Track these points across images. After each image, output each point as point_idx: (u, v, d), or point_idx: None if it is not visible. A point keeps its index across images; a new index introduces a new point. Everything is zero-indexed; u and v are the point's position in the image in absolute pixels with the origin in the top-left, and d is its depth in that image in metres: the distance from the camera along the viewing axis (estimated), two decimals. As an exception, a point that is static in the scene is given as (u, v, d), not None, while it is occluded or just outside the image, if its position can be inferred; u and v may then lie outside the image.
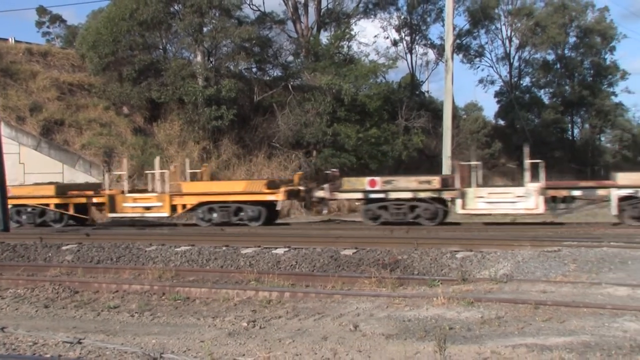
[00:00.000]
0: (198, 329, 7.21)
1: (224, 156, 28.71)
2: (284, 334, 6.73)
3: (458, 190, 17.43)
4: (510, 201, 17.29)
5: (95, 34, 28.38)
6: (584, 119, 60.62)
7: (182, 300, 9.03)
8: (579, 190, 17.20)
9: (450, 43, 25.80)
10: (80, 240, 14.83)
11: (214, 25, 28.80)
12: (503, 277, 9.41)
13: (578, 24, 55.06)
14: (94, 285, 10.08)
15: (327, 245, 12.64)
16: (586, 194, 17.28)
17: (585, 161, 56.72)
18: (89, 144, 26.49)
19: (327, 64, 32.09)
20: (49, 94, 28.42)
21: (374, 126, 32.73)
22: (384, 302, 8.02)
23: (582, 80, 57.02)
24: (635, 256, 10.42)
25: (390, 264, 11.04)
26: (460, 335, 6.34)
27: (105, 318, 8.06)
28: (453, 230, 16.37)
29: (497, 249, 11.59)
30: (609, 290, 8.23)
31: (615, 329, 6.37)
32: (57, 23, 50.96)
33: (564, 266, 10.07)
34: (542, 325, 6.62)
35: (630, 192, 16.29)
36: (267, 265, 11.71)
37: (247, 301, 8.74)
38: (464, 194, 17.48)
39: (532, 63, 55.78)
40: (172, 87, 27.82)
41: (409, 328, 6.73)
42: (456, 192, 17.43)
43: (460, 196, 17.44)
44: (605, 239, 12.35)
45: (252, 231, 16.92)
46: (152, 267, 11.39)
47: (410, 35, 46.79)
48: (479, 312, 7.26)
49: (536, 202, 16.92)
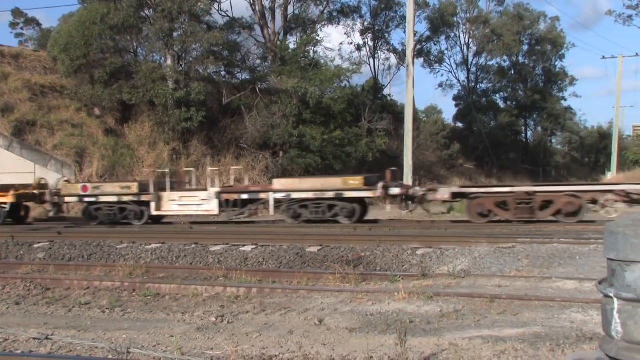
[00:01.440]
0: (168, 324, 7.14)
1: (194, 156, 28.52)
2: (251, 329, 6.71)
3: (153, 194, 18.66)
4: (196, 204, 18.67)
5: (67, 37, 27.92)
6: (536, 122, 61.74)
7: (153, 296, 8.93)
8: (246, 194, 18.54)
9: (411, 49, 25.97)
10: (52, 238, 14.57)
11: (184, 30, 28.58)
12: (461, 273, 9.51)
13: (531, 32, 55.98)
14: (65, 282, 9.91)
15: (293, 242, 12.62)
16: (252, 197, 18.57)
17: (538, 162, 57.70)
18: (60, 145, 26.06)
19: (294, 68, 32.12)
20: (21, 95, 27.87)
21: (338, 128, 32.88)
22: (347, 297, 8.04)
23: (535, 86, 58.05)
24: (583, 252, 10.63)
25: (353, 260, 11.07)
26: (420, 329, 6.39)
27: (76, 314, 7.93)
28: (414, 228, 16.49)
29: (456, 245, 11.69)
30: (559, 284, 8.38)
31: (563, 320, 6.49)
32: (31, 25, 50.01)
33: (518, 262, 10.22)
34: (497, 317, 6.71)
35: (282, 195, 17.84)
36: (235, 262, 11.65)
37: (215, 297, 8.69)
38: (159, 197, 18.80)
39: (488, 69, 56.61)
40: (143, 89, 27.53)
41: (371, 322, 6.76)
42: (151, 195, 18.67)
43: (156, 199, 18.70)
44: (556, 235, 12.56)
45: (220, 229, 16.82)
46: (123, 264, 11.25)
47: (374, 41, 47.12)
48: (438, 306, 7.32)
49: (215, 204, 18.35)
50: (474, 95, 54.82)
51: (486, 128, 52.00)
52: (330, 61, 36.03)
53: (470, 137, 51.03)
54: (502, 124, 54.18)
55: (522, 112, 57.58)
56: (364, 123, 36.47)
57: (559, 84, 59.34)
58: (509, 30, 51.16)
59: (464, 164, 49.14)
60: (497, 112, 55.10)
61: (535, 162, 57.26)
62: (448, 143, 47.02)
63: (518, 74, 56.93)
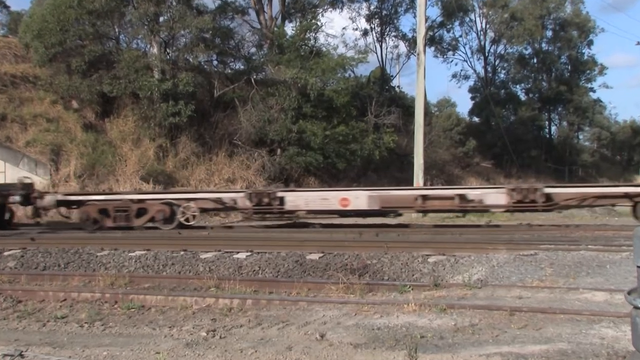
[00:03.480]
0: (153, 339, 7.14)
1: (182, 155, 28.54)
2: (245, 344, 6.70)
3: None
4: None
5: (40, 21, 27.86)
6: (561, 116, 61.57)
7: (137, 308, 8.93)
8: None
9: (422, 35, 25.99)
10: (24, 245, 14.55)
11: (171, 14, 28.62)
12: (477, 283, 9.50)
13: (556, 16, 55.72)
14: (39, 294, 9.90)
15: (291, 249, 12.62)
16: None
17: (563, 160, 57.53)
18: (34, 141, 26.04)
19: (292, 57, 32.10)
20: (-11, 86, 27.94)
21: (341, 123, 32.87)
22: (352, 309, 8.04)
23: (559, 76, 57.88)
24: (614, 260, 10.62)
25: (358, 268, 11.07)
26: (432, 344, 6.39)
27: (51, 329, 7.92)
28: (425, 233, 16.50)
29: (471, 252, 11.69)
30: (587, 295, 8.37)
31: (592, 336, 6.48)
32: (-2, 8, 49.94)
33: (541, 270, 10.21)
34: (518, 332, 6.70)
35: None
36: (228, 271, 11.65)
37: (206, 309, 8.69)
38: None
39: (507, 57, 56.44)
40: (126, 80, 27.52)
41: (378, 337, 6.76)
42: None
43: None
44: (583, 242, 12.54)
45: (212, 234, 16.84)
46: (104, 273, 11.25)
47: (381, 27, 47.04)
48: (452, 319, 7.32)
49: None
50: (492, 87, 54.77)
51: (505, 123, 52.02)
52: (333, 49, 35.97)
53: (487, 133, 51.03)
54: (522, 119, 54.13)
55: (545, 105, 57.51)
56: (370, 118, 36.49)
57: (586, 73, 59.18)
58: (531, 14, 51.04)
59: (481, 163, 49.15)
60: (517, 106, 55.04)
61: (559, 160, 57.16)
62: (463, 139, 47.04)
63: (541, 63, 56.87)
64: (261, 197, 18.18)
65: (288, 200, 18.04)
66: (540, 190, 16.83)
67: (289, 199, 18.05)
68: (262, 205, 18.22)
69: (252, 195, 18.33)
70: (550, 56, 56.87)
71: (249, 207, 18.45)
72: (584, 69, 58.64)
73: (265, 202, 18.14)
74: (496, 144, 48.14)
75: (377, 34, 47.31)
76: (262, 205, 18.20)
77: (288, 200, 18.04)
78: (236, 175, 28.86)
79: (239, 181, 28.54)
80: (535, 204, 16.80)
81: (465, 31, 54.13)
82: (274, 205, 18.12)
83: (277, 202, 18.08)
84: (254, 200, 18.25)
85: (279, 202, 18.08)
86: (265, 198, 18.13)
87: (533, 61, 57.09)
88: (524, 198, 16.76)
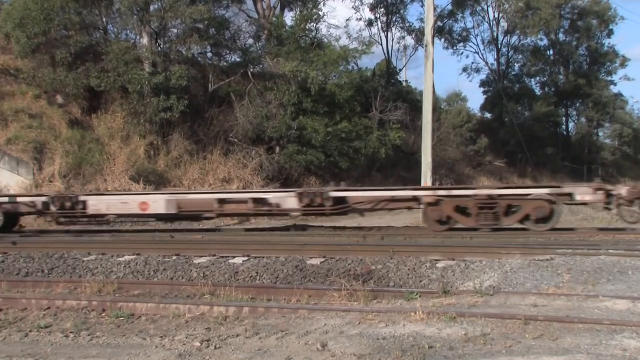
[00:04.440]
0: (144, 350, 7.15)
1: (175, 153, 28.56)
2: (242, 355, 6.71)
3: None
4: None
5: (22, 10, 27.76)
6: (579, 111, 61.44)
7: (126, 317, 8.93)
8: None
9: (430, 25, 25.99)
10: (5, 249, 14.55)
11: (163, 3, 28.60)
12: (489, 289, 9.49)
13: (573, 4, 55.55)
14: (21, 302, 9.90)
15: (291, 253, 12.62)
16: None
17: (581, 159, 57.44)
18: (16, 139, 26.01)
19: (292, 49, 32.14)
20: (-34, 79, 27.98)
21: (344, 119, 32.89)
22: (355, 318, 8.04)
23: (578, 68, 57.76)
24: (636, 266, 10.60)
25: (362, 274, 11.07)
26: (442, 355, 6.39)
27: (34, 340, 7.92)
28: (433, 237, 16.50)
29: (483, 257, 11.68)
30: (607, 303, 8.35)
31: (613, 347, 6.47)
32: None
33: (558, 277, 10.20)
34: (533, 343, 6.69)
35: None
36: (224, 277, 11.65)
37: (200, 318, 8.69)
38: None
39: (522, 49, 56.32)
40: (114, 73, 27.54)
41: (383, 347, 6.76)
42: None
43: None
44: (603, 246, 12.53)
45: (206, 238, 16.84)
46: (91, 279, 11.24)
47: (387, 17, 47.00)
48: (463, 328, 7.31)
49: None
50: (505, 81, 54.78)
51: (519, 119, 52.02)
52: (336, 41, 36.01)
53: (500, 129, 51.05)
54: (538, 115, 54.07)
55: (562, 100, 57.47)
56: (375, 114, 36.53)
57: (606, 65, 59.10)
58: (547, 2, 50.91)
59: (493, 162, 49.15)
60: (532, 101, 55.01)
61: (578, 159, 57.15)
62: (474, 137, 47.04)
63: (557, 55, 56.85)
64: (64, 202, 18.73)
65: (90, 205, 18.57)
66: (327, 194, 17.27)
67: (91, 203, 18.60)
68: (65, 209, 18.79)
69: (55, 200, 18.85)
70: (567, 47, 56.79)
71: (54, 211, 19.09)
72: (604, 61, 58.52)
73: (69, 207, 18.69)
74: (510, 141, 48.15)
75: (382, 24, 47.32)
76: (66, 209, 18.77)
77: (90, 204, 18.58)
78: (232, 175, 28.88)
79: (235, 181, 28.55)
80: (323, 207, 17.32)
81: (476, 21, 54.33)
82: (77, 209, 18.68)
83: (80, 206, 18.63)
84: (57, 205, 18.80)
85: (82, 207, 18.63)
86: (68, 202, 18.68)
87: (549, 53, 57.07)
88: (312, 202, 17.26)
